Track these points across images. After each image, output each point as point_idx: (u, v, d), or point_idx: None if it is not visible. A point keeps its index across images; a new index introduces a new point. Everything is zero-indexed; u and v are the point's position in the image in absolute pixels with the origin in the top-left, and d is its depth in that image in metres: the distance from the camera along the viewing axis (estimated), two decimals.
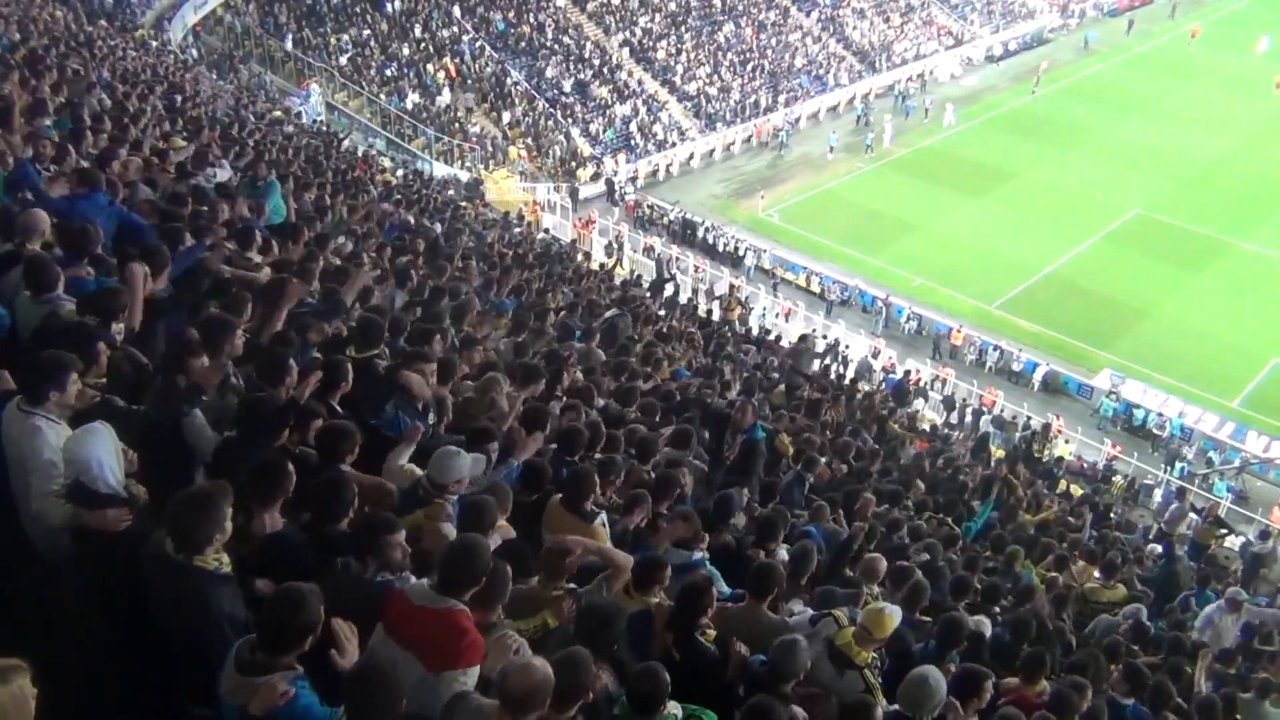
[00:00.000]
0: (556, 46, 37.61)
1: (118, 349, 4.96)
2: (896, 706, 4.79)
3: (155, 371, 5.10)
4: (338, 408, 5.41)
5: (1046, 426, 22.18)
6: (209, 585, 3.48)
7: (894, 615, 5.48)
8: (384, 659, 3.47)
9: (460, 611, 3.70)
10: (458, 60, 35.81)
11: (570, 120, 35.19)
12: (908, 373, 23.21)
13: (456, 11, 37.04)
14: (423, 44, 35.91)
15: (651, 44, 39.59)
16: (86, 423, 4.09)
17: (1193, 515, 17.68)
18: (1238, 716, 8.04)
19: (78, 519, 3.79)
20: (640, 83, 37.93)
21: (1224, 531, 16.21)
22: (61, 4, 22.82)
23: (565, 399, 7.55)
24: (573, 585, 4.59)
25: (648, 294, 20.39)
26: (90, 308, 5.05)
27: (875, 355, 25.03)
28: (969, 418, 23.22)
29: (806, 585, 6.53)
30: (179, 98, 16.73)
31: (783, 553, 6.70)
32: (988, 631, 7.24)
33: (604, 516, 5.61)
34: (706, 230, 31.00)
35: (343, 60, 34.39)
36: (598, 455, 6.51)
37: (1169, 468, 22.36)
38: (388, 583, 3.95)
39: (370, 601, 3.83)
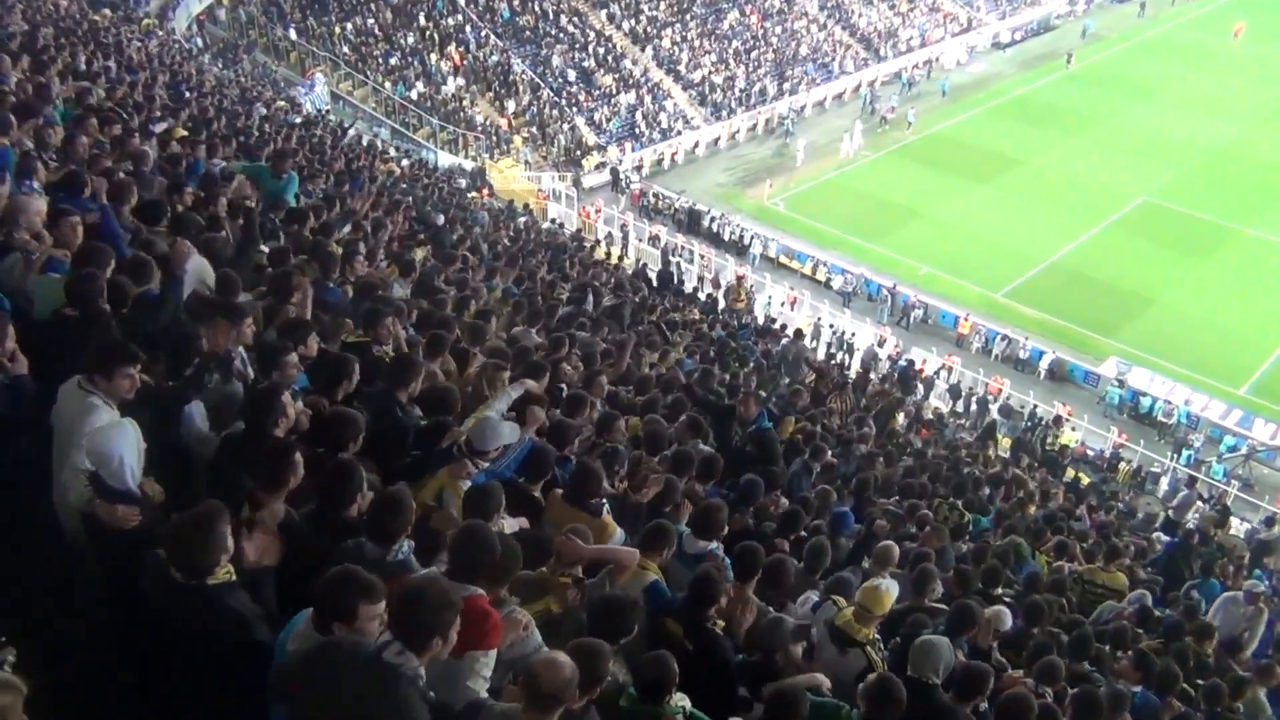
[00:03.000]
0: (561, 35, 37.49)
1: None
2: (910, 673, 4.86)
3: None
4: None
5: (1059, 419, 22.14)
6: (225, 596, 3.52)
7: (891, 591, 5.49)
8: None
9: (479, 596, 3.75)
10: (462, 49, 35.74)
11: (575, 109, 35.09)
12: (911, 361, 23.17)
13: None
14: (427, 33, 35.83)
15: (656, 32, 39.43)
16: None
17: (1200, 503, 17.66)
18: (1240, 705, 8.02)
19: (91, 505, 3.85)
20: (645, 71, 37.79)
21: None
22: None
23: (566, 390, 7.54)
24: (581, 576, 4.62)
25: (653, 281, 20.40)
26: (70, 299, 5.04)
27: (881, 344, 24.98)
28: (975, 406, 23.20)
29: (820, 577, 6.53)
30: (184, 88, 16.73)
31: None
32: (1008, 623, 6.86)
33: (608, 506, 5.63)
34: (712, 219, 30.92)
35: (346, 49, 34.34)
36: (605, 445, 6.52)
37: (1176, 455, 22.33)
38: (404, 562, 3.97)
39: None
